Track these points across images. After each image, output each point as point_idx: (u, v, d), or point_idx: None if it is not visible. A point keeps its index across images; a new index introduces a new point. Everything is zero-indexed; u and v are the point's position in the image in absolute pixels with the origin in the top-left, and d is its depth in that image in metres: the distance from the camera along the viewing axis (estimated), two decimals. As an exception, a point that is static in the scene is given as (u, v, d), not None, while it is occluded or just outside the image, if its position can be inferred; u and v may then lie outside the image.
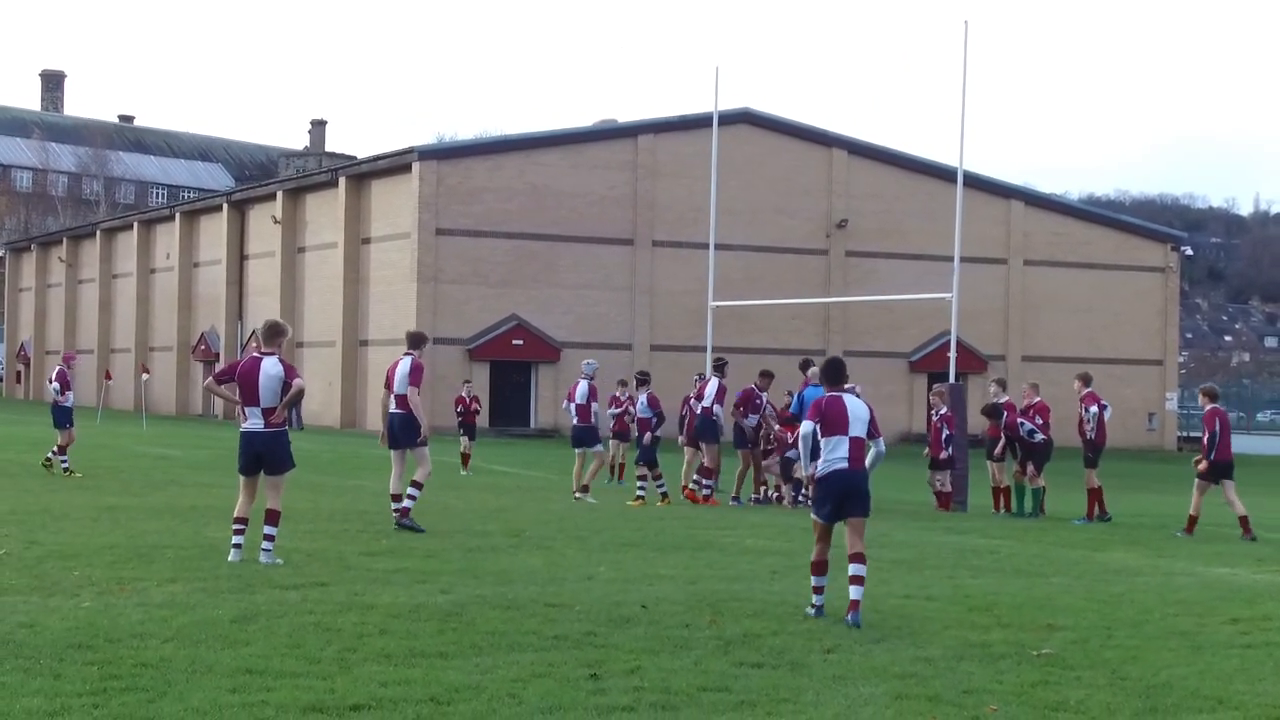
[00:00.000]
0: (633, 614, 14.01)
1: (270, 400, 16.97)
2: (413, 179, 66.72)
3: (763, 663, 11.89)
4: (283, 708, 9.75)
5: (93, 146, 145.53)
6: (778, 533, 23.15)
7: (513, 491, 31.78)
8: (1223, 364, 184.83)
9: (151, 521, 21.46)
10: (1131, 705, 10.72)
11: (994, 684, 11.34)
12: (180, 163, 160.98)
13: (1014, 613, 15.06)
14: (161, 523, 21.31)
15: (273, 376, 16.95)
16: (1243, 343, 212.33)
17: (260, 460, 17.23)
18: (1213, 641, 13.65)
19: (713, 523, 24.64)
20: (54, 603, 13.63)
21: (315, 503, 25.89)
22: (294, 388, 17.12)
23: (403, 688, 10.46)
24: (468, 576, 16.44)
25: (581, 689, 10.65)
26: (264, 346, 17.48)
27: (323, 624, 12.92)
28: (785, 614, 14.42)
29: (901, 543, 22.15)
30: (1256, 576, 19.19)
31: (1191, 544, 23.67)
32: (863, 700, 10.58)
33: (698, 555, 19.51)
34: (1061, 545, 22.63)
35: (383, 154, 72.02)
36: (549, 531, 21.95)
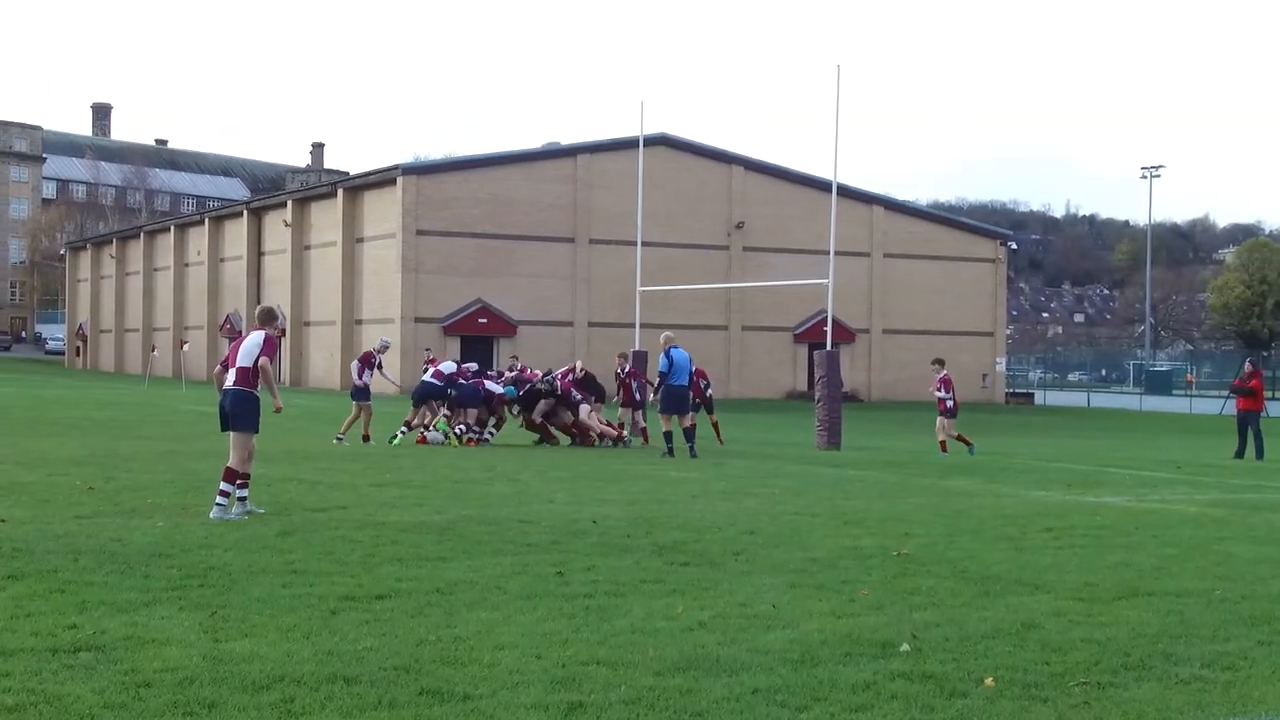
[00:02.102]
0: (586, 527, 14.44)
1: (245, 361, 15.39)
2: (397, 190, 66.68)
3: (688, 562, 12.31)
4: (324, 597, 10.10)
5: (134, 164, 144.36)
6: (693, 467, 23.59)
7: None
8: (1041, 335, 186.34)
9: (201, 462, 21.68)
10: (970, 590, 11.21)
11: (865, 576, 11.80)
12: (206, 177, 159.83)
13: (879, 524, 15.56)
14: (208, 463, 21.42)
15: (253, 344, 15.52)
16: (1057, 318, 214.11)
17: (226, 417, 15.47)
18: (1032, 544, 14.17)
19: (642, 460, 25.08)
20: (134, 523, 13.94)
21: (327, 447, 26.19)
22: (260, 364, 15.48)
23: (414, 582, 10.84)
24: (455, 501, 16.82)
25: (551, 582, 11.05)
26: (256, 325, 16.34)
27: (347, 536, 13.28)
28: (703, 526, 14.84)
29: (791, 474, 22.64)
30: (1065, 497, 19.74)
31: (1014, 473, 24.18)
32: (766, 588, 11.03)
33: (633, 484, 19.92)
34: (917, 475, 23.15)
35: (373, 170, 71.90)
36: (515, 468, 22.32)
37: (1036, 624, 9.76)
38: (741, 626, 9.43)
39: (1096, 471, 25.08)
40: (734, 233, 72.32)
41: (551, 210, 69.11)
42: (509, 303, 67.76)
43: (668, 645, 8.76)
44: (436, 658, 8.27)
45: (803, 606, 10.25)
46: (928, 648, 8.90)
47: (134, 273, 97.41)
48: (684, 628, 9.34)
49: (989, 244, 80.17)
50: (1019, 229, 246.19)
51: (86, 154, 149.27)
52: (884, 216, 76.87)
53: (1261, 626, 9.91)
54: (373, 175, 70.80)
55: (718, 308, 72.28)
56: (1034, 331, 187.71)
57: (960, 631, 9.44)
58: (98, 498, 16.17)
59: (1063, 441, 40.41)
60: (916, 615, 10.02)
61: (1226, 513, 18.01)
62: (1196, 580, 12.01)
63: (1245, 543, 14.79)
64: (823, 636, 9.12)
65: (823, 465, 24.91)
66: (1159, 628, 9.75)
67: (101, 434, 28.90)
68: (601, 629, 9.25)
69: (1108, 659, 8.71)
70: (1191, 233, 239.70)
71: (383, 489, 18.12)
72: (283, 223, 76.97)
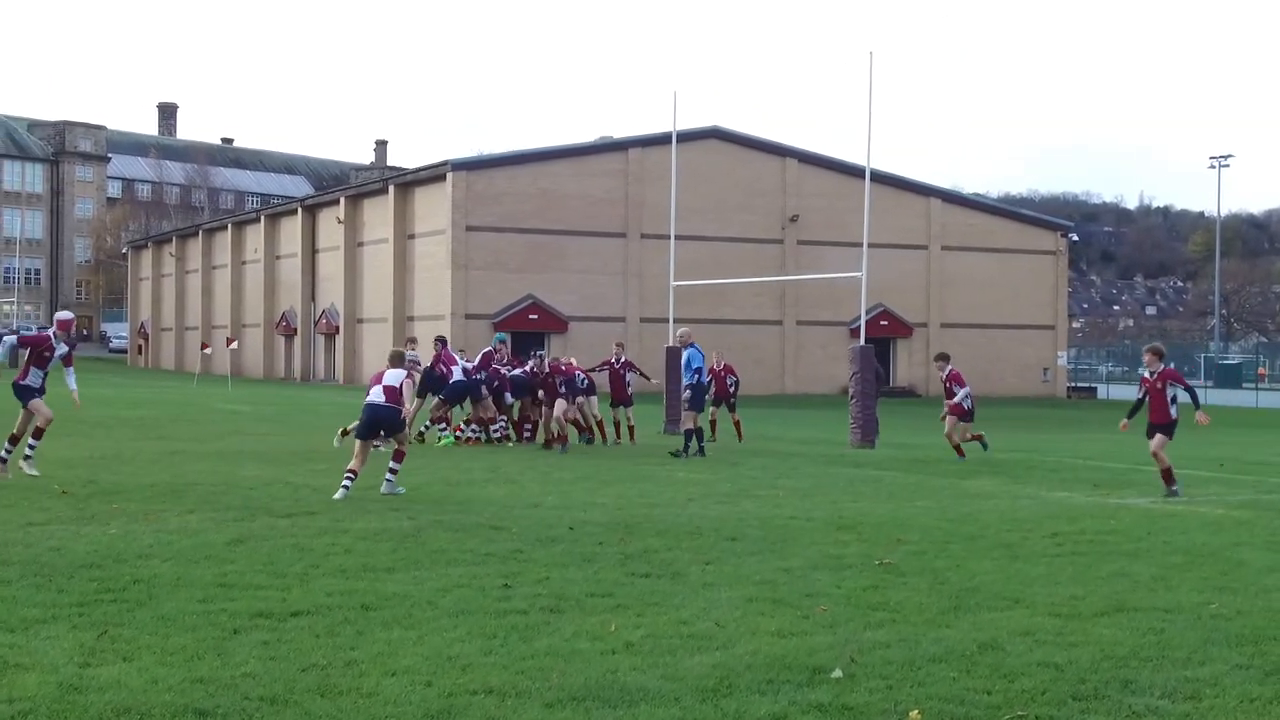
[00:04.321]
0: (560, 534, 13.77)
1: (392, 383, 18.01)
2: (447, 186, 66.25)
3: (650, 573, 11.63)
4: (236, 614, 9.50)
5: (197, 163, 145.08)
6: (704, 468, 22.83)
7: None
8: (1111, 328, 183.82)
9: (200, 464, 21.24)
10: (940, 605, 10.45)
11: (833, 588, 11.07)
12: (270, 175, 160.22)
13: (874, 530, 14.79)
14: (208, 464, 21.09)
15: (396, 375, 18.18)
16: (1128, 311, 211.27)
17: (378, 426, 17.81)
18: (1030, 552, 13.37)
19: (658, 460, 24.33)
20: (86, 530, 13.40)
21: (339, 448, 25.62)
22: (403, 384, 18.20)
23: (343, 597, 10.22)
24: (436, 506, 16.18)
25: (491, 596, 10.40)
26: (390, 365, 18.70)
27: (300, 545, 12.69)
28: (685, 532, 14.15)
29: (807, 474, 21.87)
30: (1086, 499, 18.88)
31: (1043, 472, 23.25)
32: (720, 603, 10.32)
33: (633, 486, 19.23)
34: (938, 475, 22.27)
35: (424, 166, 71.55)
36: (520, 469, 21.69)
37: (997, 644, 8.99)
38: (670, 648, 8.72)
39: (1130, 470, 24.09)
40: (788, 226, 71.36)
41: (602, 205, 68.43)
42: (560, 298, 67.17)
43: (579, 670, 8.08)
44: (315, 686, 7.63)
45: (750, 624, 9.53)
46: (864, 672, 8.16)
47: (193, 271, 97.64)
48: (606, 650, 8.65)
49: (1049, 235, 78.71)
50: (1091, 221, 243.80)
51: (151, 153, 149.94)
52: (941, 209, 75.62)
53: (1246, 647, 9.09)
54: (423, 171, 70.41)
55: (772, 302, 71.42)
56: (1104, 324, 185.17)
57: (909, 653, 8.69)
58: (65, 502, 15.65)
59: (1113, 437, 39.24)
60: (869, 634, 9.27)
61: (1253, 515, 17.09)
62: (1193, 593, 11.18)
63: (1262, 550, 13.90)
64: (753, 660, 8.40)
65: (844, 465, 24.05)
66: (1131, 649, 8.95)
67: (122, 433, 28.51)
68: (517, 650, 8.59)
69: (1059, 686, 7.94)
70: (1267, 223, 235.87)
71: (366, 491, 17.51)
72: (336, 220, 76.78)
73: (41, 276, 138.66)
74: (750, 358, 68.64)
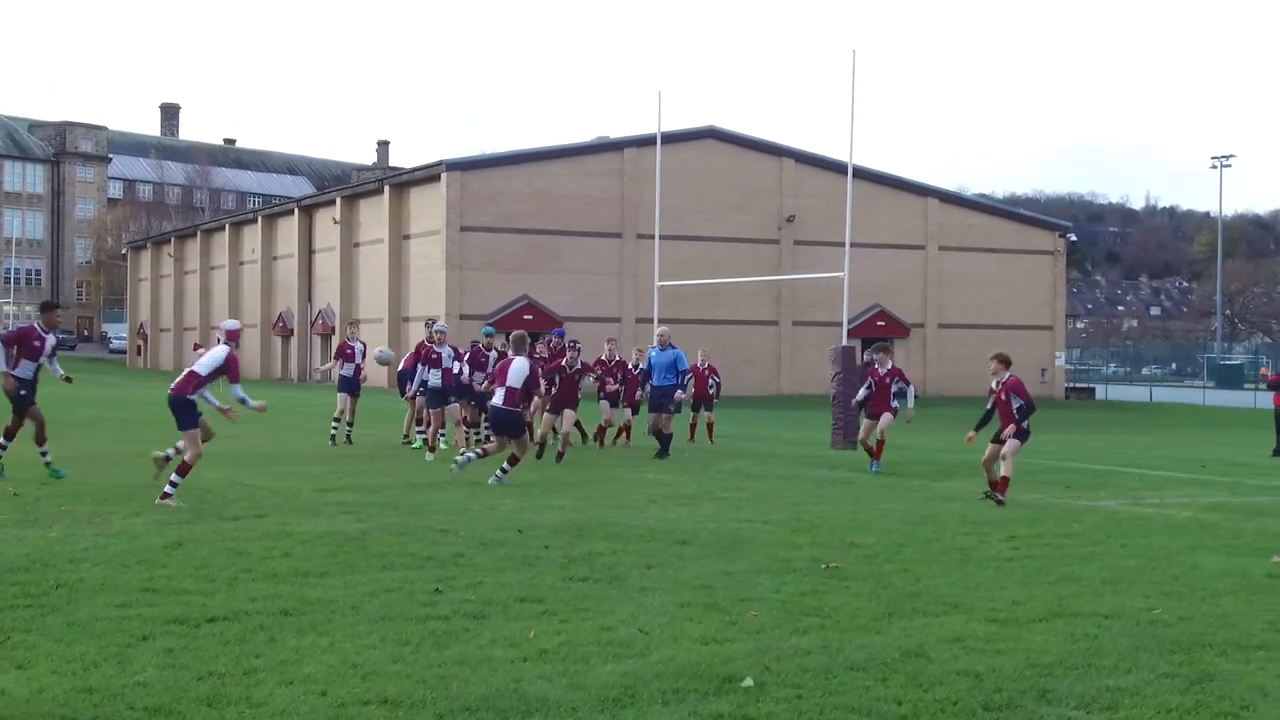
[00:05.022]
0: (507, 538, 13.54)
1: (514, 383, 18.29)
2: (441, 186, 66.14)
3: (589, 577, 11.42)
4: (150, 620, 9.30)
5: (199, 164, 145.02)
6: (672, 469, 22.52)
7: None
8: (1116, 328, 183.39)
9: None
10: (876, 610, 10.24)
11: (772, 593, 10.86)
12: (272, 176, 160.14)
13: (830, 533, 14.57)
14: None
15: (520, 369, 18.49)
16: (1133, 311, 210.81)
17: (499, 429, 18.43)
18: (983, 556, 13.17)
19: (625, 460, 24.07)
20: (26, 533, 13.18)
21: (315, 447, 25.43)
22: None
23: (266, 602, 10.01)
24: (390, 508, 15.94)
25: (418, 601, 10.19)
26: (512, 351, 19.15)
27: (238, 548, 12.47)
28: (636, 536, 13.93)
29: (778, 476, 21.64)
30: (1054, 501, 18.69)
31: (1019, 474, 22.70)
32: (651, 608, 10.11)
33: (598, 488, 18.96)
34: (912, 477, 22.05)
35: (419, 166, 71.45)
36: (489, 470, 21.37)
37: (922, 652, 8.78)
38: (585, 656, 8.52)
39: (1108, 472, 23.89)
40: (784, 226, 71.13)
41: (598, 205, 68.26)
42: (555, 299, 66.97)
43: (482, 679, 7.88)
44: (205, 695, 7.43)
45: (676, 630, 9.33)
46: (777, 681, 7.96)
47: (191, 271, 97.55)
48: (519, 657, 8.45)
49: (1048, 236, 78.41)
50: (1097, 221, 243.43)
51: (151, 153, 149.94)
52: (939, 209, 75.36)
53: (1178, 655, 8.88)
54: (418, 171, 70.28)
55: (768, 302, 71.21)
56: (1109, 325, 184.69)
57: (829, 661, 8.49)
58: (13, 504, 15.42)
59: (1102, 438, 39.10)
60: (794, 641, 9.07)
61: (1221, 517, 16.88)
62: (1139, 598, 10.98)
63: (1220, 553, 13.69)
64: (665, 668, 8.20)
65: (819, 467, 23.83)
66: (1059, 656, 8.75)
67: (100, 435, 28.32)
68: (428, 658, 8.39)
69: (974, 696, 7.74)
70: (1273, 223, 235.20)
71: (325, 494, 17.33)
72: (332, 220, 76.67)
73: (42, 277, 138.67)
74: (745, 358, 68.53)
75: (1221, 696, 7.85)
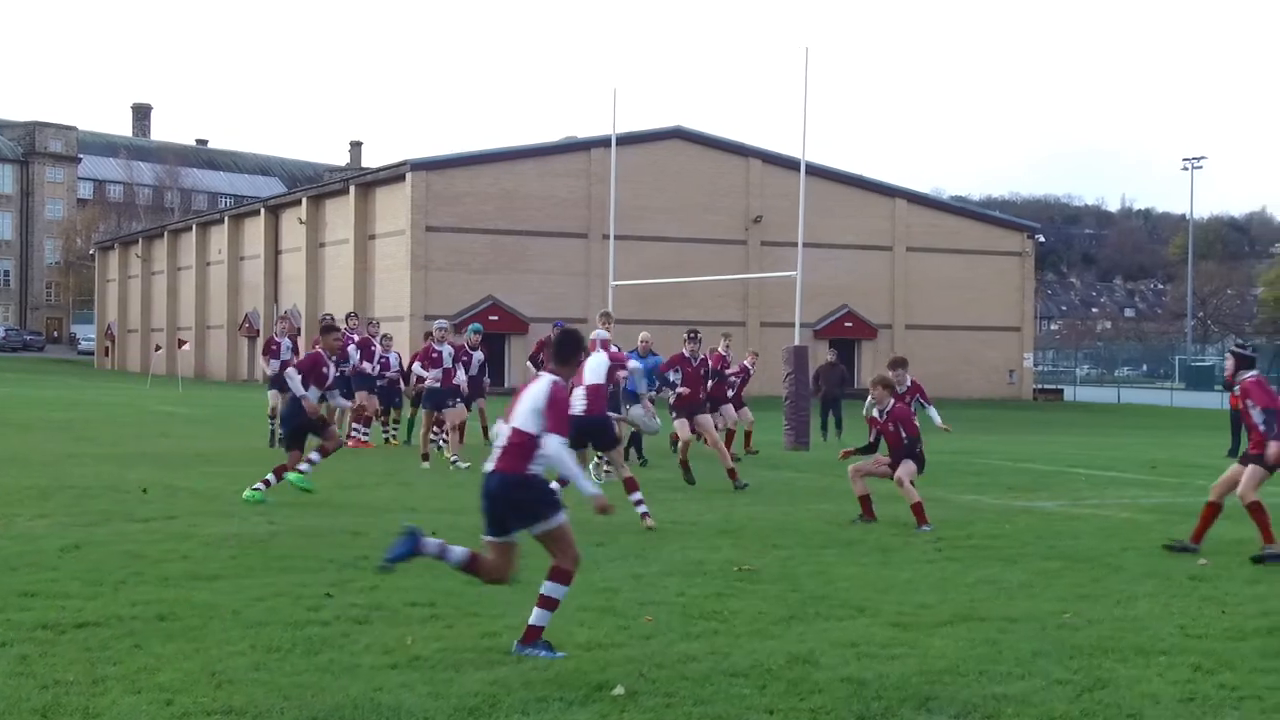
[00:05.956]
0: (419, 540, 13.21)
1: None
2: (406, 186, 65.72)
3: (487, 581, 11.11)
4: (18, 626, 8.96)
5: (169, 165, 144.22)
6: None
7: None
8: (1090, 330, 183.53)
9: (95, 466, 20.60)
10: (778, 614, 9.95)
11: (675, 596, 10.56)
12: (244, 177, 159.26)
13: (756, 534, 14.30)
14: (102, 467, 20.42)
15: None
16: (1107, 313, 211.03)
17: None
18: (904, 558, 12.89)
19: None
20: (-79, 536, 12.86)
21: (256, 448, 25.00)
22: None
23: (145, 606, 9.67)
24: (311, 509, 15.61)
25: (304, 606, 9.85)
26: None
27: (136, 551, 12.12)
28: (552, 538, 13.61)
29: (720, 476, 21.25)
30: (994, 502, 18.40)
31: (965, 475, 22.56)
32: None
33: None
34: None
35: (383, 166, 71.04)
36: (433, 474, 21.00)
37: (811, 658, 8.48)
38: (458, 663, 8.21)
39: (1055, 473, 23.62)
40: (751, 227, 70.84)
41: (564, 205, 67.88)
42: (521, 299, 66.57)
43: (341, 688, 7.57)
44: (41, 706, 7.11)
45: (563, 635, 9.00)
46: (651, 689, 7.66)
47: (159, 272, 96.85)
48: (388, 665, 8.15)
49: (1016, 236, 78.16)
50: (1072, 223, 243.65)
51: (120, 154, 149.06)
52: (907, 209, 75.06)
53: (1077, 660, 8.60)
54: (383, 172, 69.85)
55: (735, 303, 70.87)
56: (1082, 326, 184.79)
57: (713, 667, 8.19)
58: (-80, 507, 15.08)
59: (1061, 439, 38.86)
60: (683, 646, 8.77)
61: (1157, 519, 16.62)
62: (1052, 601, 10.71)
63: (1146, 555, 13.44)
64: (537, 676, 7.90)
65: (763, 468, 23.50)
66: (953, 662, 8.46)
67: (39, 436, 27.92)
68: (294, 666, 8.09)
69: (850, 705, 7.44)
70: (1248, 226, 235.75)
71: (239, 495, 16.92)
72: (298, 220, 76.14)
73: (11, 278, 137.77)
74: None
75: (1109, 704, 7.57)
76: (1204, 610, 10.45)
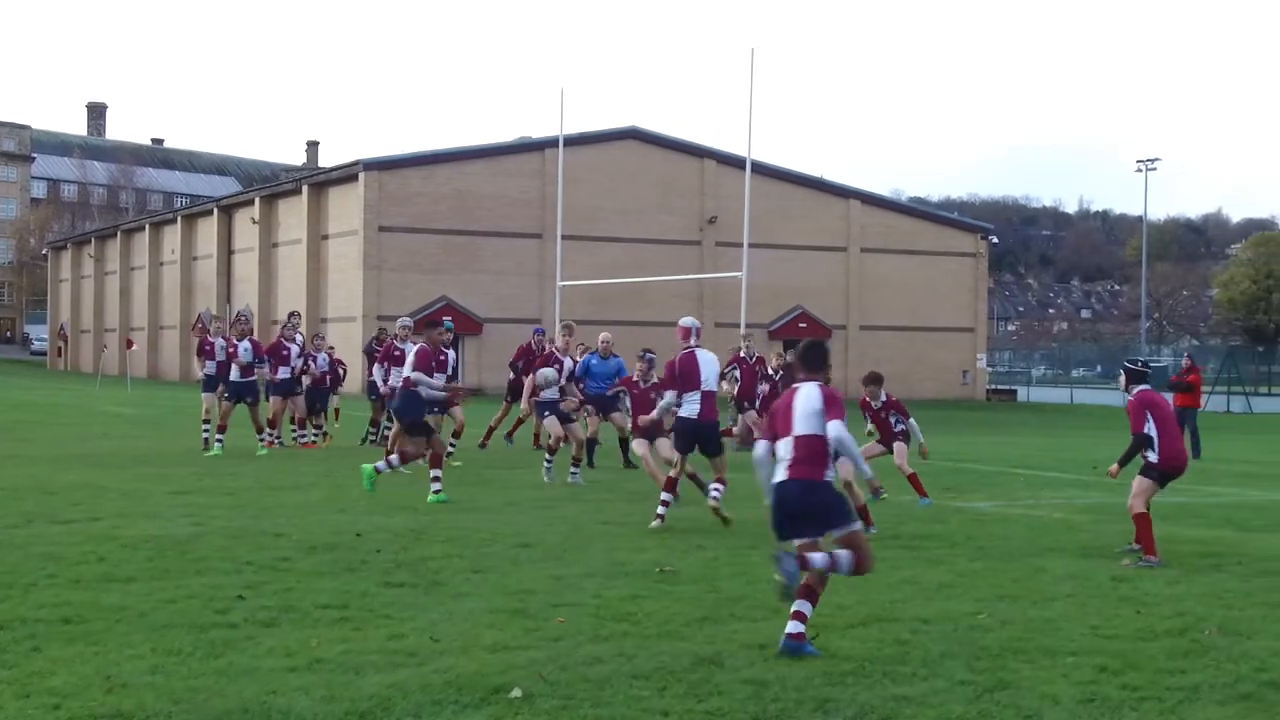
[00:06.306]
0: (342, 541, 13.12)
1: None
2: (359, 186, 65.48)
3: (406, 583, 11.02)
4: (-86, 630, 8.88)
5: (124, 164, 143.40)
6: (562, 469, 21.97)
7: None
8: (1046, 331, 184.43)
9: (29, 467, 20.47)
10: (691, 615, 9.90)
11: (591, 598, 10.50)
12: (200, 176, 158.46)
13: (683, 535, 14.26)
14: (34, 469, 20.27)
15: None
16: (1064, 314, 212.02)
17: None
18: (829, 558, 12.86)
19: (512, 463, 23.58)
20: None
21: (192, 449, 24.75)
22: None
23: (53, 609, 9.56)
24: (235, 510, 15.48)
25: (214, 608, 9.75)
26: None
27: (53, 553, 11.99)
28: (478, 539, 13.52)
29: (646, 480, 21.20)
30: (959, 505, 18.37)
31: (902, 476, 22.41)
32: (457, 614, 9.72)
33: (468, 490, 18.53)
34: (794, 478, 21.54)
35: (336, 166, 70.79)
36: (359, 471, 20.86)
37: (717, 660, 8.44)
38: (360, 666, 8.13)
39: (996, 473, 23.69)
40: (706, 227, 70.86)
41: (518, 205, 67.72)
42: (474, 300, 66.41)
43: (236, 692, 7.49)
44: (-77, 711, 7.00)
45: (470, 638, 8.95)
46: (549, 692, 7.61)
47: (112, 272, 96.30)
48: (287, 668, 8.06)
49: (969, 238, 78.43)
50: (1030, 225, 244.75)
51: (74, 153, 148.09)
52: (861, 210, 75.23)
53: (984, 661, 8.59)
54: (335, 171, 69.61)
55: (691, 303, 70.73)
56: (1039, 327, 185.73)
57: (616, 670, 8.14)
58: None
59: (1008, 439, 39.00)
60: (593, 648, 8.73)
61: (1090, 519, 16.68)
62: (972, 602, 10.71)
63: (1072, 556, 13.48)
64: (437, 679, 7.83)
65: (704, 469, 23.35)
66: (859, 663, 8.44)
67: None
68: (192, 669, 8.00)
69: (746, 707, 7.41)
70: (1204, 227, 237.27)
71: (177, 496, 16.83)
72: (250, 220, 75.81)
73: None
74: (668, 359, 68.15)
75: (1008, 705, 7.56)
76: (1120, 611, 10.47)
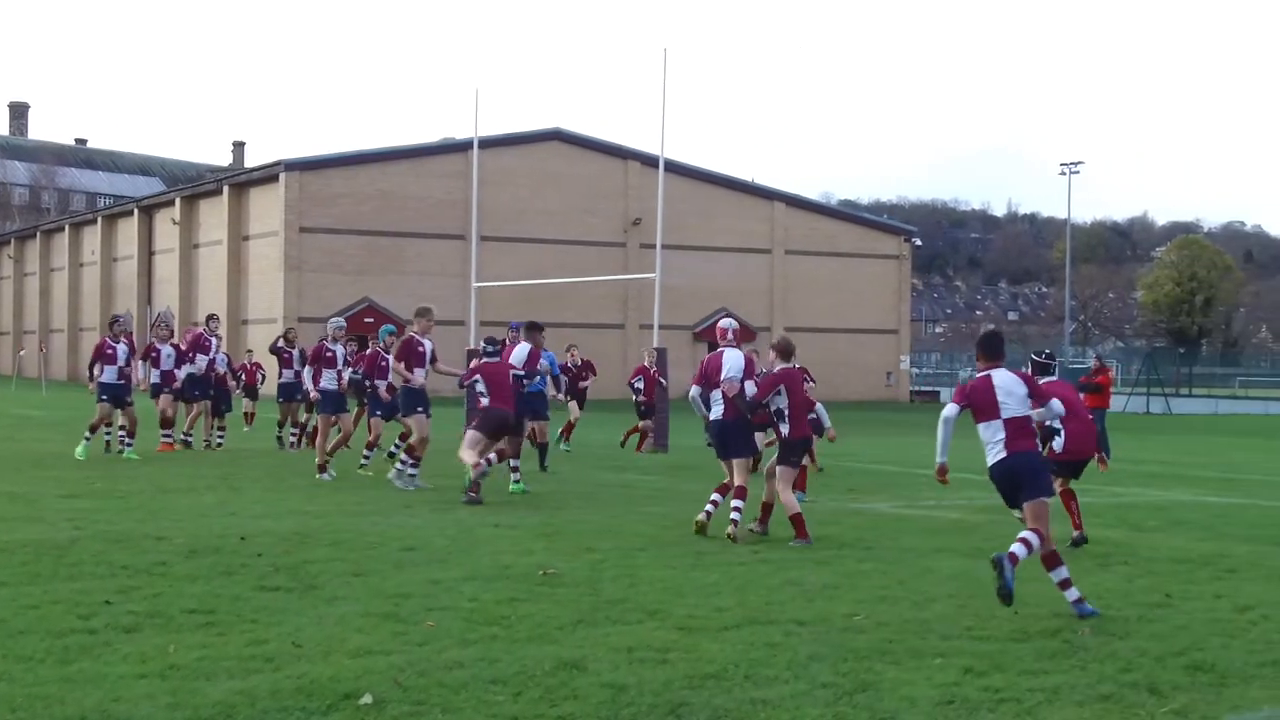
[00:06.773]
0: (224, 545, 12.93)
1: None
2: (280, 187, 65.06)
3: (281, 586, 10.84)
4: None
5: (45, 164, 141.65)
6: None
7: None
8: (974, 332, 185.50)
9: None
10: (566, 618, 9.78)
11: (466, 602, 10.35)
12: (124, 177, 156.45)
13: (576, 537, 14.15)
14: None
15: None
16: (991, 316, 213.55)
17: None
18: (717, 560, 12.79)
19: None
20: None
21: (96, 455, 24.41)
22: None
23: (-94, 617, 9.37)
24: (122, 514, 15.26)
25: (77, 614, 9.52)
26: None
27: (-77, 559, 11.77)
28: (363, 543, 13.36)
29: (566, 478, 21.19)
30: (831, 503, 18.39)
31: (809, 478, 22.37)
32: (327, 619, 9.56)
33: (366, 492, 18.41)
34: (699, 479, 21.17)
35: (257, 166, 70.34)
36: (259, 474, 20.72)
37: (580, 664, 8.34)
38: (213, 672, 7.97)
39: (902, 474, 23.77)
40: (630, 229, 70.90)
41: (442, 206, 67.49)
42: (397, 301, 65.98)
43: (78, 699, 7.31)
44: None
45: (333, 642, 8.80)
46: (402, 697, 7.48)
47: (31, 273, 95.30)
48: (138, 674, 7.88)
49: (893, 240, 78.93)
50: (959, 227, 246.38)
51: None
52: (785, 212, 75.53)
53: (852, 663, 8.53)
54: (256, 172, 69.20)
55: (615, 305, 70.90)
56: (967, 329, 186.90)
57: (476, 674, 8.01)
58: None
59: (926, 440, 39.01)
60: (457, 652, 8.59)
61: (988, 519, 16.72)
62: (850, 603, 10.66)
63: (961, 556, 13.50)
64: (288, 685, 7.67)
65: (611, 470, 23.45)
66: (723, 666, 8.36)
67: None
68: (39, 676, 7.81)
69: (600, 711, 7.32)
70: (1130, 230, 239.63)
71: (67, 500, 16.57)
72: (171, 221, 75.15)
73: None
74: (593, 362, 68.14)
75: (865, 708, 7.50)
76: (998, 612, 10.45)
